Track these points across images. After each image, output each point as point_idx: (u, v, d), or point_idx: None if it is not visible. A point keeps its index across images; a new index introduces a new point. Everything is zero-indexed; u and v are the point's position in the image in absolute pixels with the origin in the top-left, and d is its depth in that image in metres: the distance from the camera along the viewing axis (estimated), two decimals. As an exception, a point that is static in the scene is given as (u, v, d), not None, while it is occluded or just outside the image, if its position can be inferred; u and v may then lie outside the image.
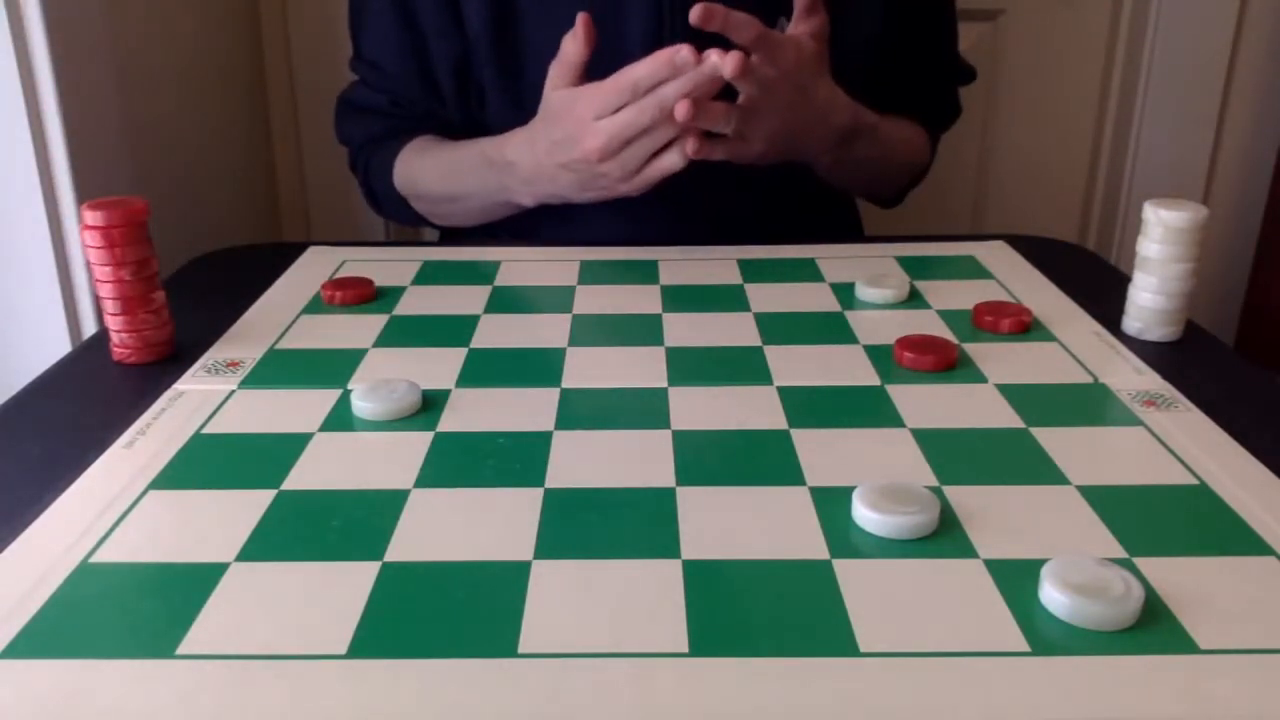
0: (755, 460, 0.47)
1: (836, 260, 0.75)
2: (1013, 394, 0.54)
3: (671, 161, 0.70)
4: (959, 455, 0.48)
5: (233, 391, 0.55)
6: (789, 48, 0.69)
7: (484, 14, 0.80)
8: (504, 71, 0.82)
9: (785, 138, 0.72)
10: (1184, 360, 0.59)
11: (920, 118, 0.90)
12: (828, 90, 0.74)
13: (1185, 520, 0.43)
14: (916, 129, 0.89)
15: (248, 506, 0.44)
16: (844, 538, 0.41)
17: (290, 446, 0.49)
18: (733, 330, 0.63)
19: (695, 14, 0.65)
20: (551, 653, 0.35)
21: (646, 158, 0.70)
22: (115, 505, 0.44)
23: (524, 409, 0.53)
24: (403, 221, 0.92)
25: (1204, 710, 0.32)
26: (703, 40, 0.67)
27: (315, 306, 0.67)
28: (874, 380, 0.56)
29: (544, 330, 0.63)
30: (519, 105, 0.81)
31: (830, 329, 0.63)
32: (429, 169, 0.84)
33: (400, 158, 0.85)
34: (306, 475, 0.46)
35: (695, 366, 0.58)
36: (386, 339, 0.62)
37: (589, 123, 0.70)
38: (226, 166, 1.14)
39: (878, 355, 0.59)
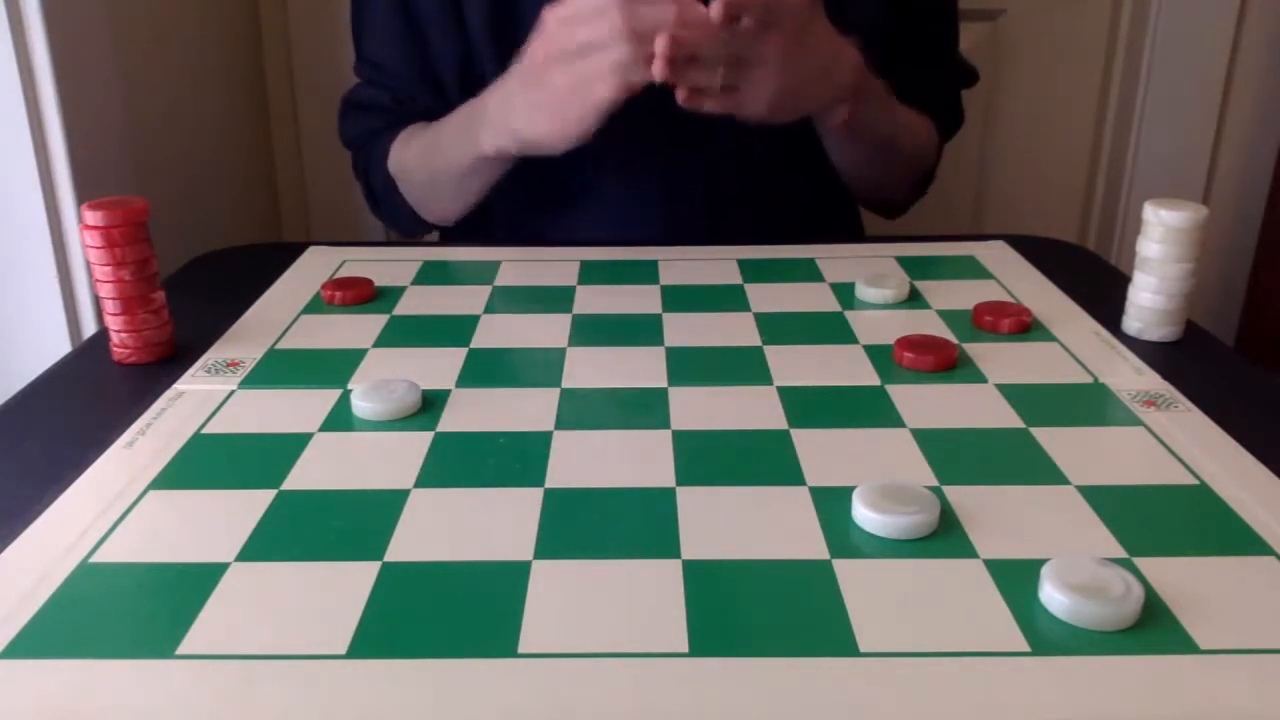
0: (755, 460, 0.47)
1: (836, 260, 0.75)
2: (1013, 394, 0.54)
3: (601, 92, 0.65)
4: (959, 455, 0.48)
5: (233, 391, 0.55)
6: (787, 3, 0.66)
7: (483, 13, 0.80)
8: (505, 70, 0.81)
9: (789, 93, 0.69)
10: (1184, 360, 0.59)
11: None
12: (827, 37, 0.71)
13: (1185, 520, 0.43)
14: (926, 120, 0.87)
15: (248, 506, 0.44)
16: (844, 538, 0.41)
17: (290, 446, 0.49)
18: (733, 330, 0.63)
19: (717, 9, 0.62)
20: (551, 653, 0.35)
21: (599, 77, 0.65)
22: (115, 505, 0.44)
23: (524, 409, 0.53)
24: (400, 225, 0.92)
25: (1204, 710, 0.32)
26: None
27: (315, 306, 0.67)
28: (874, 380, 0.56)
29: (544, 330, 0.63)
30: None
31: (830, 329, 0.63)
32: (415, 146, 0.83)
33: (394, 146, 0.85)
34: (306, 475, 0.46)
35: (695, 366, 0.58)
36: (386, 339, 0.62)
37: (549, 25, 0.66)
38: (226, 166, 1.14)
39: (878, 355, 0.59)
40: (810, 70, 0.70)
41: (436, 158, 0.81)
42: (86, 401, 0.56)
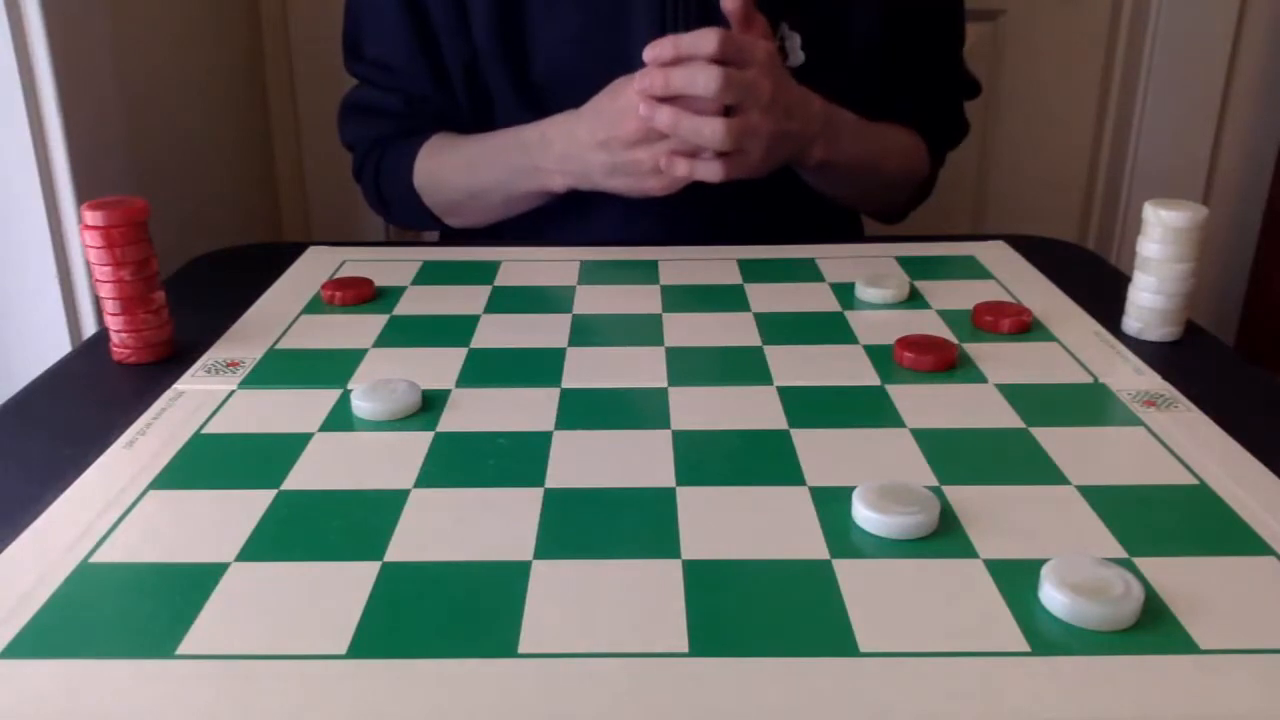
0: (755, 460, 0.47)
1: (836, 260, 0.75)
2: (1013, 394, 0.54)
3: (688, 172, 0.70)
4: (959, 455, 0.48)
5: (233, 391, 0.55)
6: (759, 44, 0.69)
7: (490, 22, 0.80)
8: (511, 71, 0.81)
9: (779, 138, 0.71)
10: (1184, 360, 0.59)
11: (922, 132, 0.89)
12: (790, 81, 0.73)
13: (1185, 520, 0.43)
14: (913, 137, 0.88)
15: (248, 506, 0.44)
16: (844, 538, 0.41)
17: (290, 446, 0.49)
18: (733, 330, 0.63)
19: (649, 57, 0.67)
20: (551, 653, 0.35)
21: (683, 155, 0.70)
22: (115, 505, 0.44)
23: (524, 409, 0.53)
24: (411, 225, 0.92)
25: (1204, 710, 0.32)
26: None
27: (315, 306, 0.67)
28: (874, 380, 0.56)
29: (544, 330, 0.63)
30: (526, 105, 0.80)
31: (830, 329, 0.63)
32: (452, 163, 0.84)
33: (421, 156, 0.84)
34: (306, 475, 0.46)
35: (695, 366, 0.58)
36: (386, 339, 0.62)
37: (633, 101, 0.69)
38: (226, 167, 1.14)
39: (878, 355, 0.59)
40: (792, 110, 0.72)
41: (482, 176, 0.82)
42: (86, 401, 0.56)
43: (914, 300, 0.67)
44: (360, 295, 0.68)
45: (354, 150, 0.90)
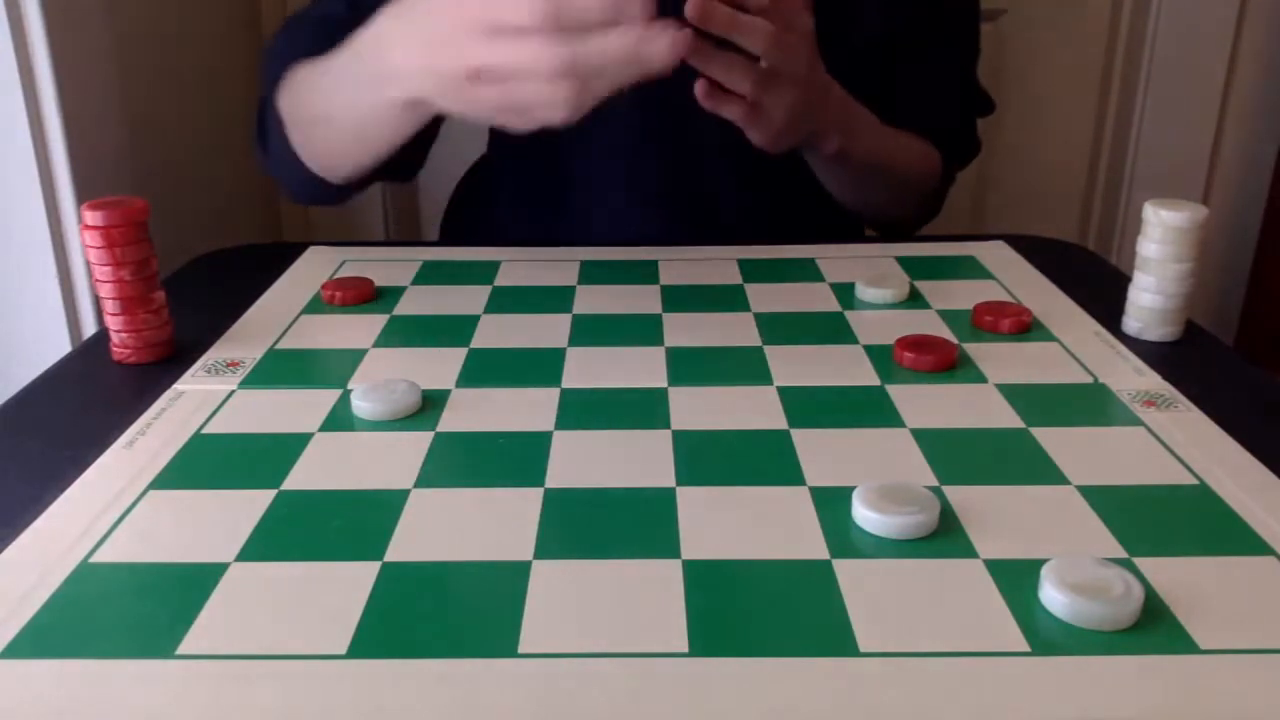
0: (755, 460, 0.47)
1: (836, 260, 0.75)
2: (1013, 394, 0.54)
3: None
4: (959, 455, 0.48)
5: (233, 391, 0.55)
6: (804, 15, 0.65)
7: None
8: None
9: (804, 111, 0.67)
10: (1184, 360, 0.59)
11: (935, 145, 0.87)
12: (819, 62, 0.69)
13: (1185, 520, 0.43)
14: (927, 144, 0.86)
15: (248, 506, 0.44)
16: (844, 538, 0.41)
17: (290, 446, 0.49)
18: (733, 330, 0.63)
19: (693, 9, 0.56)
20: (551, 653, 0.35)
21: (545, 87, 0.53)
22: (115, 505, 0.44)
23: (524, 409, 0.53)
24: (292, 185, 0.75)
25: (1204, 710, 0.32)
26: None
27: (315, 306, 0.67)
28: (874, 380, 0.56)
29: (544, 330, 0.63)
30: None
31: (830, 329, 0.63)
32: (305, 81, 0.69)
33: (286, 77, 0.70)
34: (306, 475, 0.46)
35: (695, 366, 0.58)
36: (386, 339, 0.62)
37: (474, 32, 0.53)
38: (226, 166, 1.14)
39: (878, 355, 0.59)
40: (817, 89, 0.69)
41: (327, 97, 0.67)
42: (86, 401, 0.56)
43: (914, 300, 0.67)
44: (360, 295, 0.68)
45: (265, 79, 0.74)
